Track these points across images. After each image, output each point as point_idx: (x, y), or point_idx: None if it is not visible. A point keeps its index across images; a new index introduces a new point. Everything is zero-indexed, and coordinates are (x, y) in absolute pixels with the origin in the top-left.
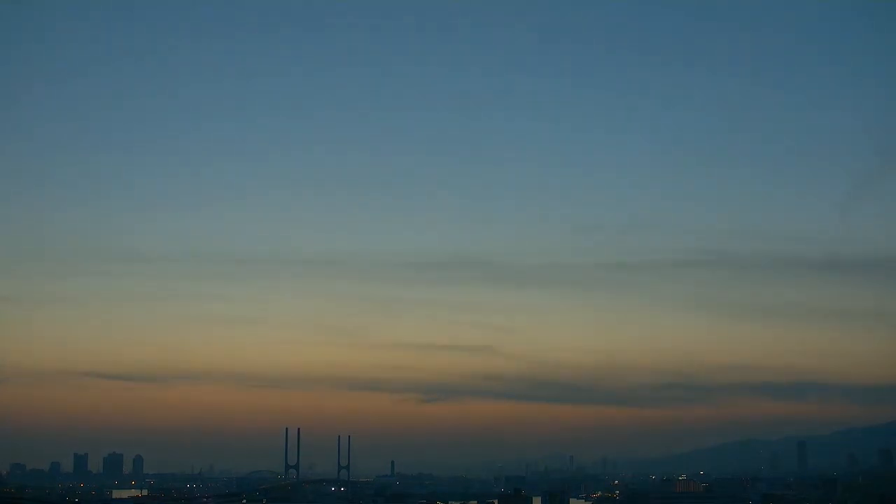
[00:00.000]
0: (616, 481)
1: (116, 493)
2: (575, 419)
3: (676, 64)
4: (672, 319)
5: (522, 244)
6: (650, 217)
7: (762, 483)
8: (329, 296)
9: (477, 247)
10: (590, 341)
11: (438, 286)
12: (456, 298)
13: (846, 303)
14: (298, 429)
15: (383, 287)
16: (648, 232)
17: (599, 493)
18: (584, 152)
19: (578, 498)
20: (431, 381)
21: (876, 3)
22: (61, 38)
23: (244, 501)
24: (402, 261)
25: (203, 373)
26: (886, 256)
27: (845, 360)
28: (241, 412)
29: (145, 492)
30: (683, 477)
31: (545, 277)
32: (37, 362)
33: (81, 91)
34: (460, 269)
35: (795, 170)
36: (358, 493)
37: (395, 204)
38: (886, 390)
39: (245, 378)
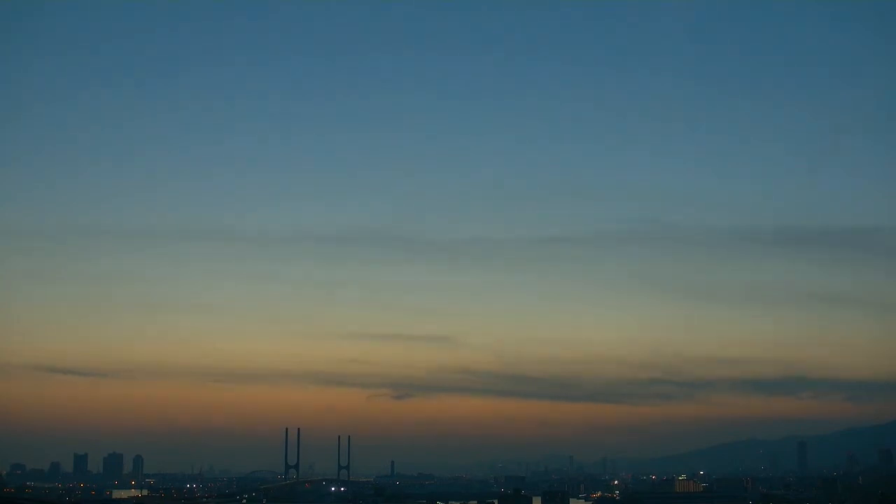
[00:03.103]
0: (616, 481)
1: (116, 494)
2: (564, 417)
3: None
4: (633, 302)
5: (451, 218)
6: (585, 185)
7: (762, 483)
8: (268, 279)
9: (408, 223)
10: (552, 330)
11: (371, 265)
12: (397, 281)
13: (820, 282)
14: (298, 429)
15: (316, 268)
16: (584, 201)
17: (599, 493)
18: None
19: (578, 498)
20: (397, 376)
21: None
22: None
23: (244, 501)
24: (327, 238)
25: (159, 367)
26: (845, 227)
27: (836, 351)
28: (225, 411)
29: (145, 492)
30: (683, 477)
31: (480, 255)
32: None
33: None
34: (396, 248)
35: (736, 137)
36: (358, 493)
37: (321, 180)
38: (886, 387)
39: (206, 373)
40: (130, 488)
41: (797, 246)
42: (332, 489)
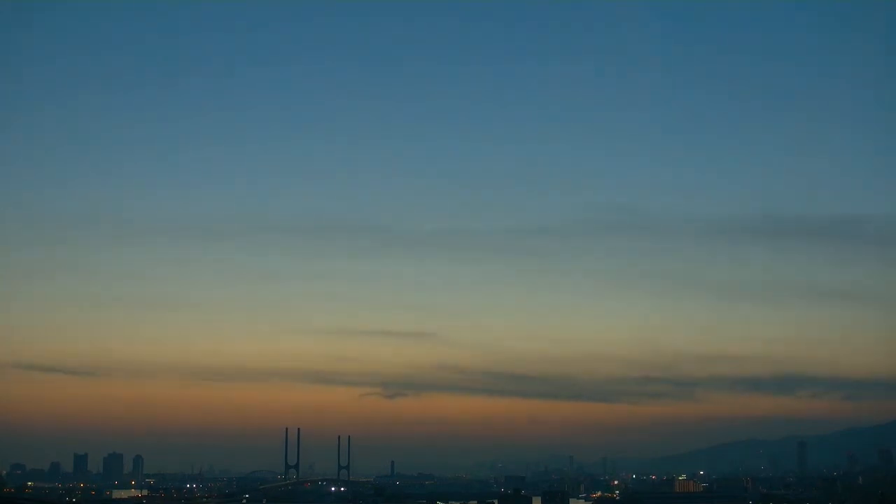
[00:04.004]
0: (616, 481)
1: (116, 494)
2: (563, 417)
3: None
4: (623, 297)
5: (431, 210)
6: (571, 174)
7: (762, 483)
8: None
9: (387, 215)
10: (541, 326)
11: (349, 259)
12: (375, 275)
13: (814, 276)
14: (298, 429)
15: (291, 262)
16: (569, 191)
17: (599, 493)
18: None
19: (578, 498)
20: (386, 374)
21: None
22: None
23: (244, 501)
24: (290, 226)
25: (144, 365)
26: (835, 216)
27: (833, 348)
28: (225, 411)
29: (145, 492)
30: (683, 477)
31: (461, 247)
32: None
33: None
34: (364, 238)
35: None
36: (358, 493)
37: (285, 166)
38: (885, 385)
39: (192, 371)
40: (130, 488)
41: (788, 237)
42: (332, 489)
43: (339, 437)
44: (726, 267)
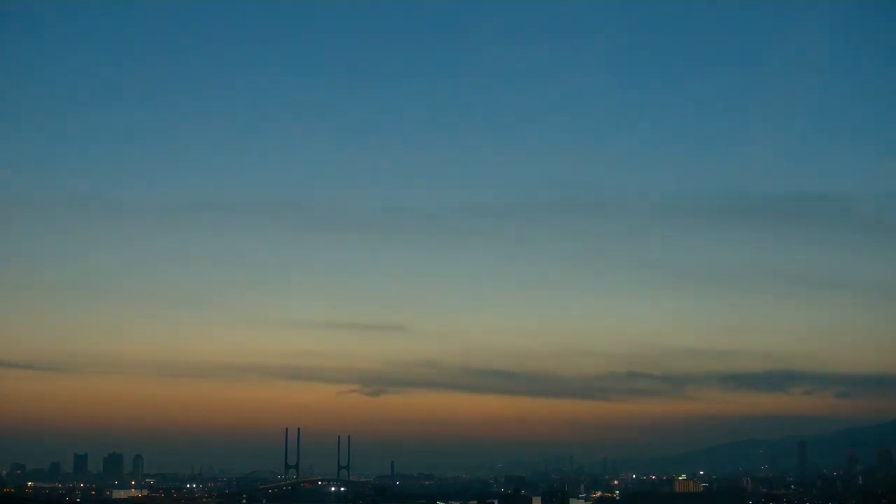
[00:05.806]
0: (616, 481)
1: (116, 494)
2: (555, 416)
3: None
4: (602, 289)
5: (370, 183)
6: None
7: (762, 483)
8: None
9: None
10: (518, 318)
11: (295, 243)
12: (335, 262)
13: (800, 262)
14: (298, 429)
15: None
16: (539, 172)
17: (599, 493)
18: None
19: (578, 498)
20: (361, 370)
21: None
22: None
23: (244, 501)
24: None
25: (144, 365)
26: (816, 194)
27: (826, 342)
28: (224, 410)
29: (145, 492)
30: (683, 477)
31: (406, 224)
32: None
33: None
34: (326, 222)
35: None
36: (358, 493)
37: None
38: (881, 382)
39: (193, 370)
40: (130, 488)
41: (769, 218)
42: (333, 489)
43: (338, 437)
44: (701, 251)
